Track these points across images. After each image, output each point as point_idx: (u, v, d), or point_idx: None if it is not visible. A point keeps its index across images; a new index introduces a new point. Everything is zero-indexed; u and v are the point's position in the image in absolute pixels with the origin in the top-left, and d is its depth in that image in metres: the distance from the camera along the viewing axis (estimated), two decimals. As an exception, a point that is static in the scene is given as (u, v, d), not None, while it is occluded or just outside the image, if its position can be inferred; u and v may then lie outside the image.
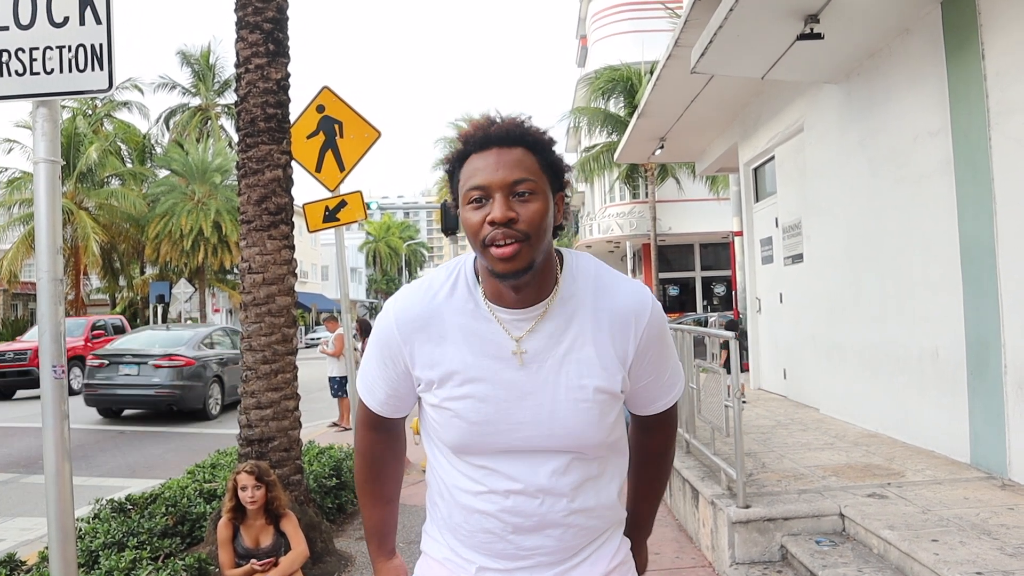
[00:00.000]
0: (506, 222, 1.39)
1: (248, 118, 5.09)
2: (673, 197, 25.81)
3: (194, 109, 40.33)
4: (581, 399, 1.50)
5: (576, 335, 1.51)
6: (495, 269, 1.42)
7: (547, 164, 1.47)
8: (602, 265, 1.59)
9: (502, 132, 1.45)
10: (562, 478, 1.53)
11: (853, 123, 6.91)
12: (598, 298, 1.54)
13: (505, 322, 1.50)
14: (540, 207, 1.42)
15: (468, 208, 1.44)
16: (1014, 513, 4.11)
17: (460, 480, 1.57)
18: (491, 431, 1.50)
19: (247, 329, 5.14)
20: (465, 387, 1.50)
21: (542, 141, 1.48)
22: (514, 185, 1.41)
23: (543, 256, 1.46)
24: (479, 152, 1.45)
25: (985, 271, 5.01)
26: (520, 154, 1.43)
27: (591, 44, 31.75)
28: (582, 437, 1.52)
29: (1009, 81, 4.75)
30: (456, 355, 1.51)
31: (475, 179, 1.43)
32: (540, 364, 1.50)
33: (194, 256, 35.05)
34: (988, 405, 5.01)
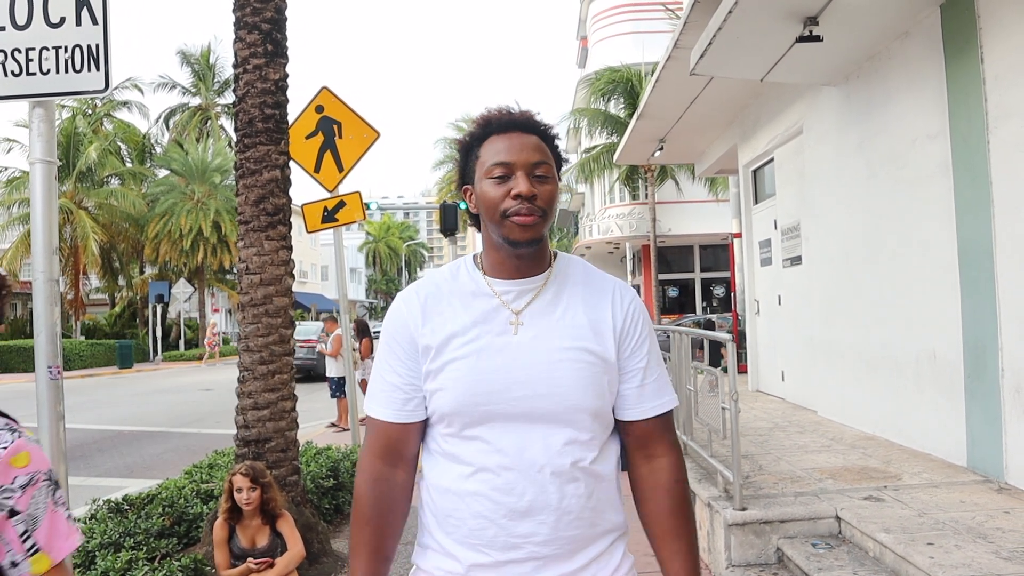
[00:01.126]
0: (531, 196, 1.53)
1: (246, 119, 5.09)
2: (673, 198, 25.80)
3: (194, 109, 40.33)
4: (573, 359, 1.56)
5: (568, 305, 1.62)
6: (511, 236, 1.55)
7: (555, 154, 1.64)
8: (589, 263, 1.74)
9: (523, 120, 1.61)
10: (556, 456, 1.53)
11: (852, 125, 6.92)
12: (589, 280, 1.68)
13: (503, 294, 1.61)
14: (554, 188, 1.58)
15: (489, 182, 1.57)
16: (1010, 517, 4.11)
17: (452, 467, 1.57)
18: (486, 390, 1.53)
19: (244, 330, 5.14)
20: (464, 348, 1.56)
21: (552, 134, 1.65)
22: (535, 166, 1.56)
23: (547, 232, 1.62)
24: (501, 134, 1.59)
25: (983, 274, 5.01)
26: (537, 141, 1.59)
27: (591, 45, 31.75)
28: (574, 398, 1.54)
29: (1007, 85, 4.75)
30: (457, 321, 1.59)
31: (500, 156, 1.56)
32: (535, 329, 1.58)
33: (193, 256, 35.05)
34: (985, 408, 5.01)
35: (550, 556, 1.53)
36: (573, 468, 1.54)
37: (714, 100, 9.36)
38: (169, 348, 36.21)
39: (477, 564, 1.54)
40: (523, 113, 1.63)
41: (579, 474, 1.55)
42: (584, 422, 1.56)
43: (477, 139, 1.62)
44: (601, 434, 1.61)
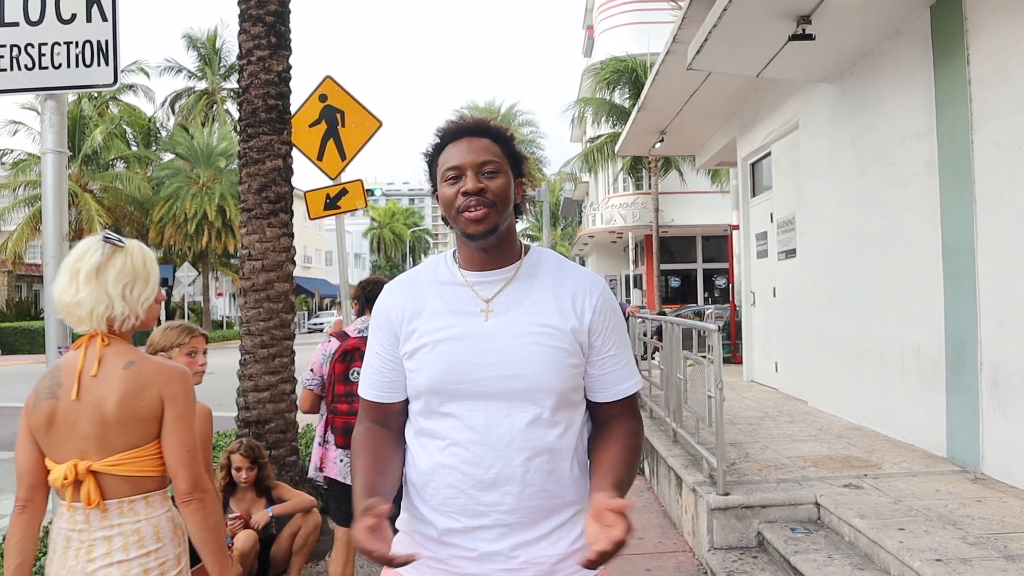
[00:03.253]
0: (477, 192, 1.67)
1: (250, 109, 5.23)
2: (676, 189, 25.91)
3: (200, 93, 40.41)
4: (539, 343, 1.69)
5: (538, 293, 1.75)
6: (467, 231, 1.69)
7: (509, 153, 1.77)
8: (563, 256, 1.87)
9: (471, 125, 1.76)
10: (520, 433, 1.66)
11: (845, 122, 7.03)
12: (559, 271, 1.80)
13: (475, 285, 1.75)
14: (504, 181, 1.72)
15: (445, 185, 1.72)
16: (981, 505, 4.26)
17: (429, 442, 1.72)
18: (459, 371, 1.67)
19: (246, 314, 5.29)
20: (439, 332, 1.71)
21: (503, 135, 1.78)
22: (483, 165, 1.70)
23: (506, 224, 1.74)
24: (453, 142, 1.74)
25: (964, 271, 5.14)
26: (487, 143, 1.73)
27: (597, 35, 31.77)
28: (539, 380, 1.67)
29: (991, 86, 4.87)
30: (432, 309, 1.75)
31: (451, 161, 1.72)
32: (505, 315, 1.72)
33: (198, 240, 35.23)
34: (964, 401, 5.15)
35: (515, 524, 1.67)
36: (537, 444, 1.67)
37: (713, 94, 9.47)
38: (173, 331, 36.36)
39: (449, 529, 1.69)
40: (472, 120, 1.78)
41: (542, 449, 1.68)
42: (548, 401, 1.69)
43: (436, 149, 1.79)
44: (566, 413, 1.73)
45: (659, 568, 4.75)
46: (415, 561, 1.52)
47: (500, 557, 1.67)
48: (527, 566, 1.68)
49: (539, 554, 1.68)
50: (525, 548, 1.68)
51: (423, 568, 1.72)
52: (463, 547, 1.68)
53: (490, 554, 1.67)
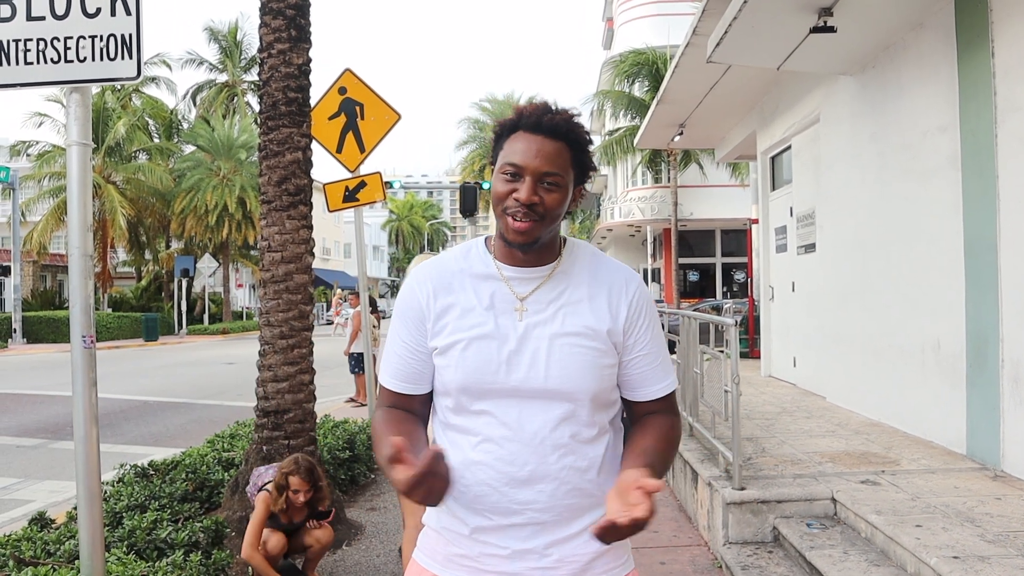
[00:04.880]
0: (528, 204, 1.59)
1: (270, 101, 5.26)
2: (696, 182, 25.81)
3: (221, 85, 40.65)
4: (574, 344, 1.64)
5: (573, 291, 1.69)
6: (508, 236, 1.64)
7: (578, 161, 1.66)
8: (598, 250, 1.81)
9: (552, 124, 1.62)
10: (555, 430, 1.63)
11: (866, 115, 6.98)
12: (595, 268, 1.74)
13: (511, 280, 1.69)
14: (560, 197, 1.62)
15: (500, 176, 1.64)
16: (1001, 503, 4.23)
17: (460, 438, 1.67)
18: (492, 369, 1.63)
19: (265, 305, 5.34)
20: (472, 330, 1.65)
21: (582, 141, 1.67)
22: (545, 176, 1.60)
23: (550, 234, 1.67)
24: (527, 132, 1.63)
25: (986, 267, 5.10)
26: (560, 148, 1.62)
27: (617, 27, 31.66)
28: (573, 381, 1.63)
29: (1016, 78, 4.82)
30: (465, 303, 1.68)
31: (514, 157, 1.62)
32: (539, 315, 1.66)
33: (218, 231, 35.49)
34: (985, 397, 5.12)
35: (548, 522, 1.63)
36: (572, 441, 1.64)
37: (733, 87, 9.42)
38: (194, 322, 36.79)
39: (480, 527, 1.65)
40: (553, 116, 1.64)
41: (577, 447, 1.64)
42: (583, 401, 1.65)
43: (507, 130, 1.68)
44: (600, 412, 1.70)
45: (673, 562, 4.75)
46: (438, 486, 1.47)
47: (533, 555, 1.64)
48: (560, 564, 1.65)
49: (573, 552, 1.65)
50: (558, 546, 1.64)
51: (453, 566, 1.69)
52: (495, 544, 1.65)
53: (523, 552, 1.64)
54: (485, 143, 43.96)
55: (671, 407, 1.79)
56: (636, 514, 1.37)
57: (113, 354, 24.03)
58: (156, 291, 40.47)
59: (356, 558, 5.05)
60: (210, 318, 37.98)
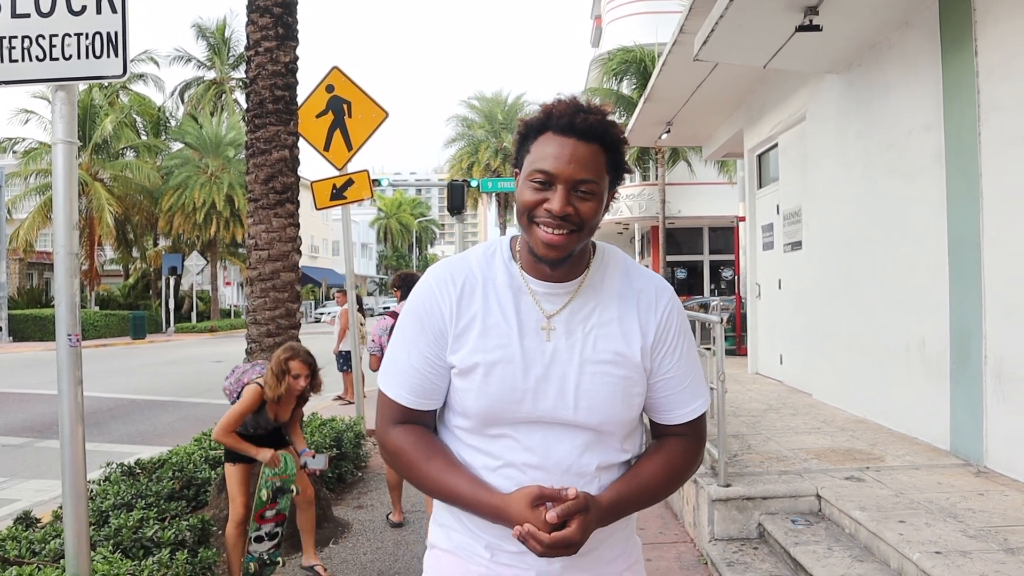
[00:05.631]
0: (563, 216, 1.44)
1: (257, 99, 5.26)
2: (684, 180, 25.85)
3: (209, 83, 40.47)
4: (604, 372, 1.53)
5: (602, 312, 1.56)
6: (537, 251, 1.49)
7: (613, 164, 1.51)
8: (629, 257, 1.68)
9: (586, 126, 1.46)
10: (582, 456, 1.53)
11: (852, 114, 7.02)
12: (626, 280, 1.61)
13: (538, 295, 1.55)
14: (595, 206, 1.48)
15: (528, 185, 1.48)
16: (983, 498, 4.27)
17: (476, 458, 1.56)
18: (517, 398, 1.51)
19: (252, 303, 5.34)
20: (496, 352, 1.52)
21: (617, 143, 1.51)
22: (579, 184, 1.46)
23: (582, 246, 1.52)
24: (558, 135, 1.47)
25: (970, 264, 5.14)
26: (595, 152, 1.47)
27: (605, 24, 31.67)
28: (603, 411, 1.53)
29: (998, 78, 4.86)
30: (489, 319, 1.54)
31: (545, 163, 1.46)
32: (567, 337, 1.53)
33: (206, 229, 35.36)
34: (968, 394, 5.16)
35: None
36: (598, 471, 1.55)
37: (720, 85, 9.45)
38: (182, 320, 36.66)
39: (503, 550, 1.55)
40: (587, 116, 1.47)
41: (604, 476, 1.56)
42: (612, 429, 1.56)
43: (535, 129, 1.51)
44: (628, 438, 1.62)
45: (659, 558, 4.78)
46: None
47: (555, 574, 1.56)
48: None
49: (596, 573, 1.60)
50: (581, 570, 1.57)
51: None
52: (518, 566, 1.55)
53: (546, 573, 1.55)
54: (473, 141, 43.99)
55: (695, 431, 1.66)
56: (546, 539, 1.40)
57: (100, 352, 23.92)
58: (144, 289, 40.29)
59: (343, 556, 5.05)
60: (198, 316, 37.85)
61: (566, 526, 1.41)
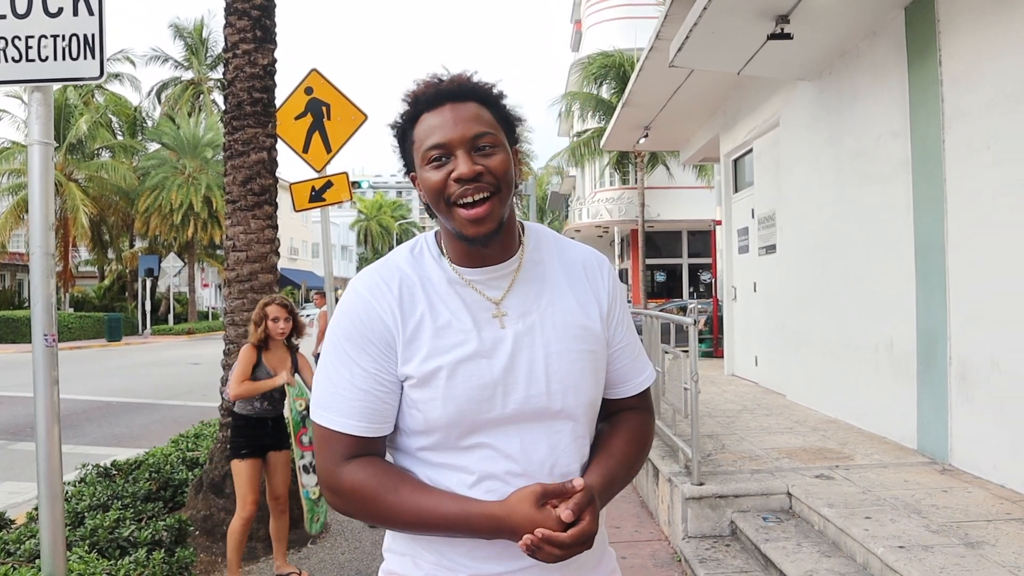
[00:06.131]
0: (474, 176, 1.34)
1: (235, 101, 5.28)
2: (663, 184, 26.05)
3: (186, 83, 40.24)
4: (572, 350, 1.43)
5: (553, 287, 1.47)
6: (465, 232, 1.36)
7: (501, 117, 1.42)
8: (553, 231, 1.59)
9: (454, 87, 1.39)
10: (563, 455, 1.43)
11: (823, 120, 7.14)
12: (563, 252, 1.53)
13: (478, 284, 1.43)
14: (504, 158, 1.38)
15: (428, 168, 1.38)
16: (947, 495, 4.38)
17: (448, 477, 1.40)
18: (487, 395, 1.38)
19: (230, 304, 5.36)
20: (455, 351, 1.38)
21: (493, 95, 1.43)
22: (476, 139, 1.36)
23: (508, 212, 1.41)
24: (431, 110, 1.39)
25: (935, 268, 5.26)
26: (475, 108, 1.39)
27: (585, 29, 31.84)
28: (578, 393, 1.43)
29: (962, 87, 4.98)
30: (437, 319, 1.40)
31: (433, 137, 1.36)
32: (525, 320, 1.42)
33: (184, 231, 35.11)
34: (934, 394, 5.28)
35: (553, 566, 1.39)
36: (579, 463, 1.45)
37: (696, 91, 9.56)
38: (158, 322, 36.38)
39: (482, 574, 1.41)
40: (453, 80, 1.41)
41: (583, 468, 1.47)
42: (586, 415, 1.47)
43: (408, 119, 1.43)
44: (592, 422, 1.52)
45: (634, 556, 4.85)
46: None
47: None
48: None
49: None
50: None
51: None
52: None
53: None
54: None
55: (647, 403, 1.63)
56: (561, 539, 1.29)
57: (75, 355, 23.71)
58: (119, 291, 39.95)
59: (321, 556, 5.08)
60: (175, 318, 37.59)
61: (580, 520, 1.31)
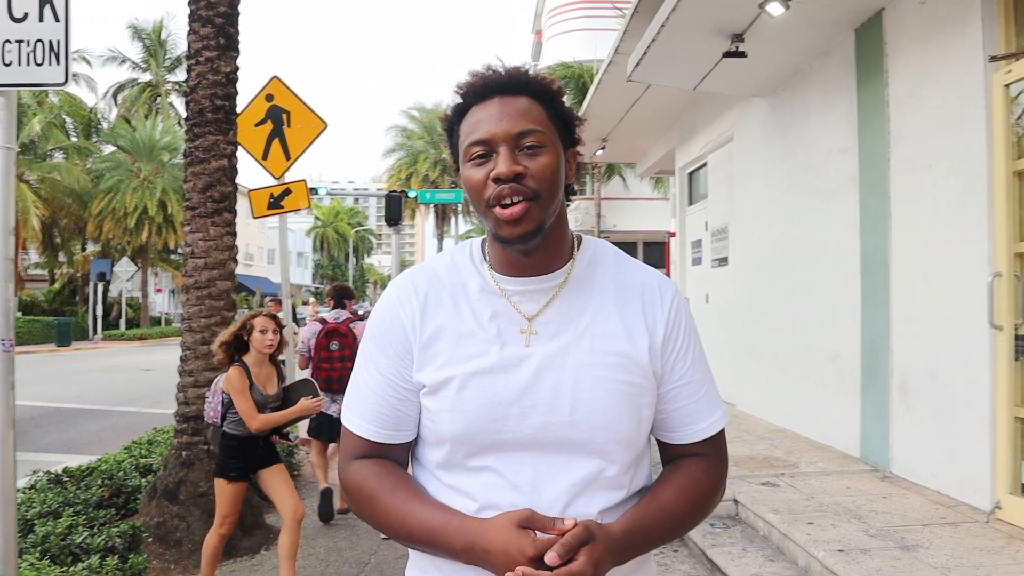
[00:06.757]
0: (512, 177, 1.24)
1: (197, 108, 5.29)
2: (619, 195, 26.34)
3: (144, 85, 39.68)
4: (606, 378, 1.29)
5: (598, 308, 1.33)
6: (501, 233, 1.27)
7: (556, 115, 1.32)
8: (619, 250, 1.45)
9: (504, 79, 1.30)
10: (579, 496, 1.27)
11: (776, 136, 7.35)
12: (621, 272, 1.38)
13: (513, 295, 1.33)
14: (550, 161, 1.27)
15: (469, 166, 1.29)
16: (887, 501, 4.55)
17: (452, 500, 1.30)
18: (499, 414, 1.27)
19: (188, 311, 5.36)
20: (471, 363, 1.30)
21: (549, 90, 1.33)
22: (520, 137, 1.26)
23: (553, 218, 1.30)
24: (480, 103, 1.30)
25: (880, 282, 5.46)
26: (525, 103, 1.29)
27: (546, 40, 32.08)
28: (607, 427, 1.28)
29: (907, 108, 5.19)
30: (459, 327, 1.33)
31: (477, 132, 1.28)
32: (555, 340, 1.30)
33: (138, 235, 34.56)
34: (876, 404, 5.47)
35: None
36: (602, 507, 1.29)
37: (653, 105, 9.75)
38: (110, 327, 35.72)
39: None
40: (505, 71, 1.31)
41: (606, 513, 1.29)
42: (616, 453, 1.30)
43: (457, 113, 1.34)
44: (633, 465, 1.34)
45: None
46: None
47: None
48: None
49: None
50: None
51: None
52: None
53: None
54: (412, 152, 43.97)
55: (716, 449, 1.42)
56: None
57: (23, 360, 23.18)
58: (70, 295, 39.12)
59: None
60: (127, 323, 36.93)
61: (572, 560, 1.15)
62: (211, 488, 5.06)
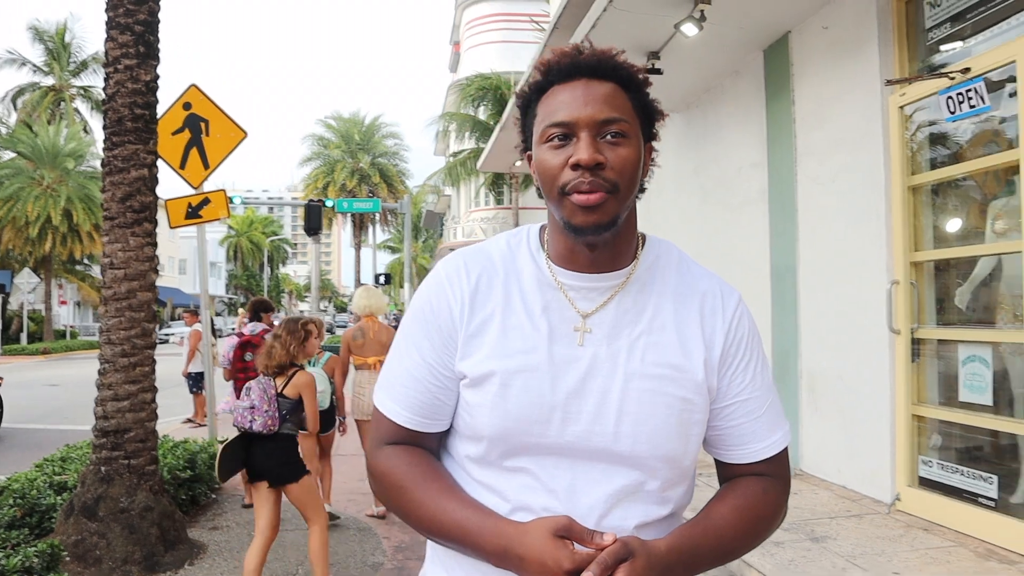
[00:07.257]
0: (593, 166, 1.16)
1: (115, 117, 5.21)
2: (536, 204, 26.66)
3: (46, 89, 38.17)
4: (656, 391, 1.23)
5: (655, 315, 1.27)
6: (573, 221, 1.19)
7: (640, 106, 1.25)
8: (684, 252, 1.41)
9: (593, 62, 1.22)
10: (615, 508, 1.21)
11: (690, 150, 7.63)
12: (682, 278, 1.33)
13: (570, 290, 1.26)
14: (631, 153, 1.20)
15: (546, 148, 1.22)
16: (797, 497, 4.79)
17: (485, 498, 1.24)
18: (542, 416, 1.21)
19: (107, 323, 5.25)
20: (516, 358, 1.23)
21: (636, 79, 1.25)
22: (604, 124, 1.19)
23: (627, 214, 1.25)
24: (563, 83, 1.22)
25: (788, 291, 5.74)
26: (612, 90, 1.21)
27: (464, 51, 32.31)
28: (652, 442, 1.22)
29: (809, 126, 5.50)
30: (509, 319, 1.26)
31: (558, 114, 1.20)
32: (609, 344, 1.24)
33: (40, 245, 33.14)
34: (787, 406, 5.74)
35: None
36: (639, 522, 1.22)
37: (572, 118, 9.96)
38: (9, 341, 34.18)
39: None
40: (593, 53, 1.23)
41: (644, 528, 1.23)
42: (659, 469, 1.23)
43: (536, 91, 1.27)
44: (677, 481, 1.28)
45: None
46: None
47: None
48: None
49: None
50: None
51: None
52: None
53: None
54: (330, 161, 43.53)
55: (778, 469, 1.33)
56: None
57: (-85, 376, 21.98)
58: (-35, 308, 37.32)
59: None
60: (29, 337, 35.39)
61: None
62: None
